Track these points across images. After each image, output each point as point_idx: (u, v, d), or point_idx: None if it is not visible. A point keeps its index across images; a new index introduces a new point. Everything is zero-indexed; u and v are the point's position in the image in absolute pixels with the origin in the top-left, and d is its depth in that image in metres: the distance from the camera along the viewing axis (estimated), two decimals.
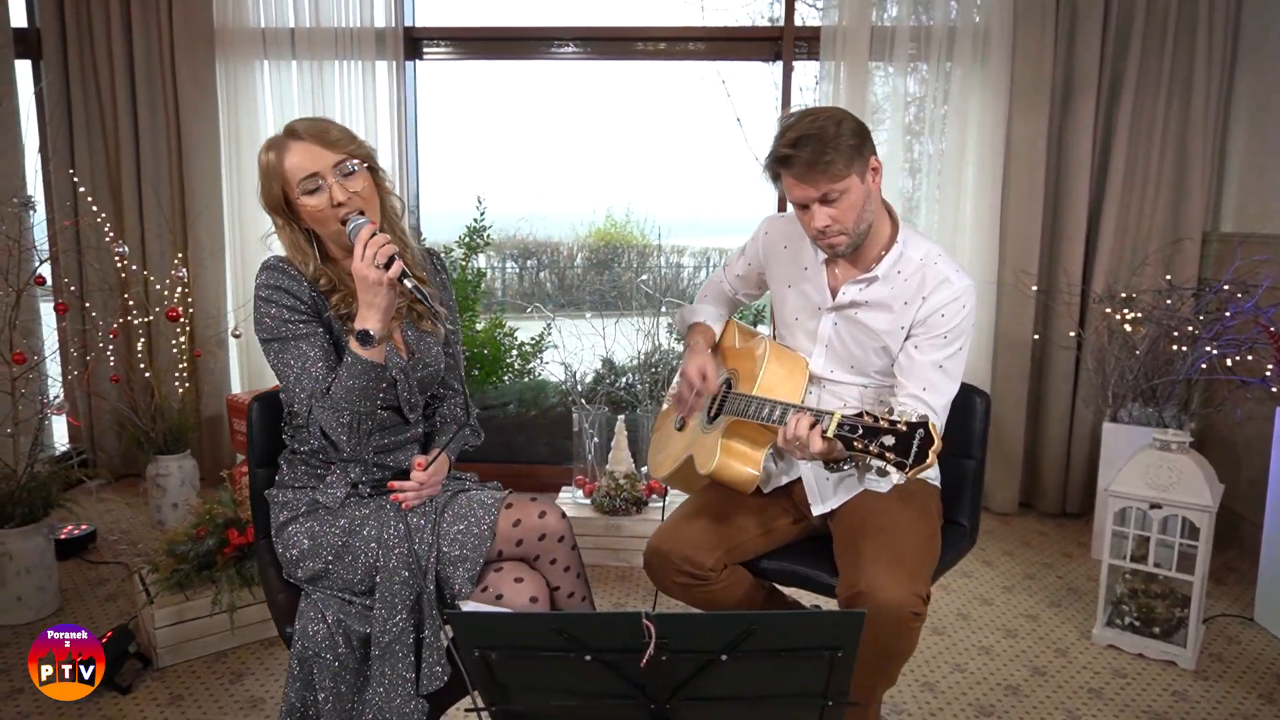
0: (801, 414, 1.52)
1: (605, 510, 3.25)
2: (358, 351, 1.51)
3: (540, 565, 1.69)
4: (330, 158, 1.56)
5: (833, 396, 1.84)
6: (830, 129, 1.61)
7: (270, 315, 1.57)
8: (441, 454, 1.73)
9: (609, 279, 14.72)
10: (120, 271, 3.56)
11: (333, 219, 1.57)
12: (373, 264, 1.47)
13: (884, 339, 1.77)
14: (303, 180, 1.55)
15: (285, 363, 1.56)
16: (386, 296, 1.49)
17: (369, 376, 1.52)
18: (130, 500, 3.82)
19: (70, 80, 3.75)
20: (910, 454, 1.35)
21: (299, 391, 1.55)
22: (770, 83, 4.64)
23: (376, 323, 1.50)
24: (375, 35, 3.68)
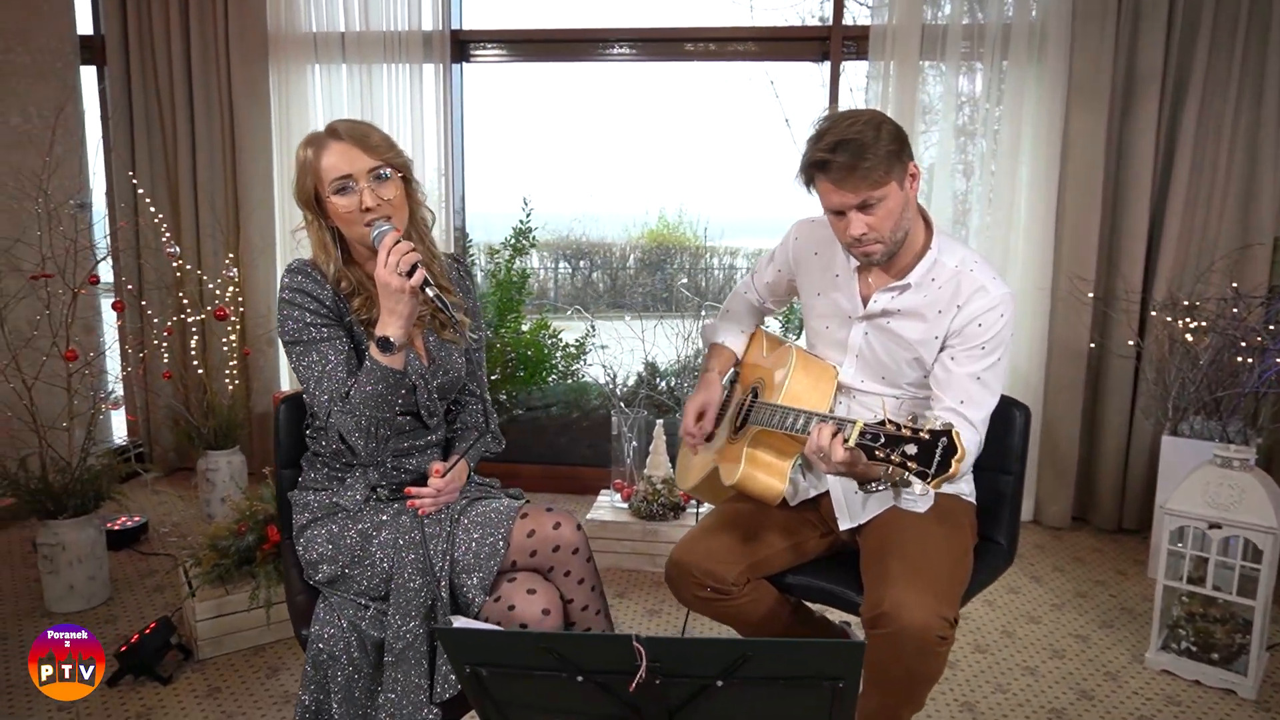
0: (824, 423, 1.47)
1: (642, 515, 3.23)
2: (377, 358, 1.51)
3: (554, 577, 1.67)
4: (367, 162, 1.55)
5: (863, 408, 1.78)
6: (869, 133, 1.55)
7: (293, 318, 1.58)
8: (460, 461, 1.72)
9: (660, 280, 14.70)
10: (175, 271, 3.66)
11: (359, 222, 1.57)
12: (395, 271, 1.47)
13: (917, 349, 1.71)
14: (335, 180, 1.55)
15: (306, 366, 1.57)
16: (408, 304, 1.49)
17: (388, 383, 1.52)
18: (183, 493, 3.92)
19: (132, 85, 3.87)
20: (933, 463, 1.28)
21: (319, 395, 1.56)
22: (819, 83, 4.57)
23: (397, 330, 1.50)
24: (422, 39, 3.72)
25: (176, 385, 3.83)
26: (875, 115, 1.60)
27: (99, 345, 3.54)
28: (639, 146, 8.12)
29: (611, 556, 3.24)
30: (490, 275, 4.68)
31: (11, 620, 2.77)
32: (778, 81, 4.65)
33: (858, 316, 1.77)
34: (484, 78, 4.09)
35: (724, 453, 1.82)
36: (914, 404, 1.77)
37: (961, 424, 1.61)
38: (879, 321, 1.75)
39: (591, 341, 4.42)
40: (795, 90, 4.70)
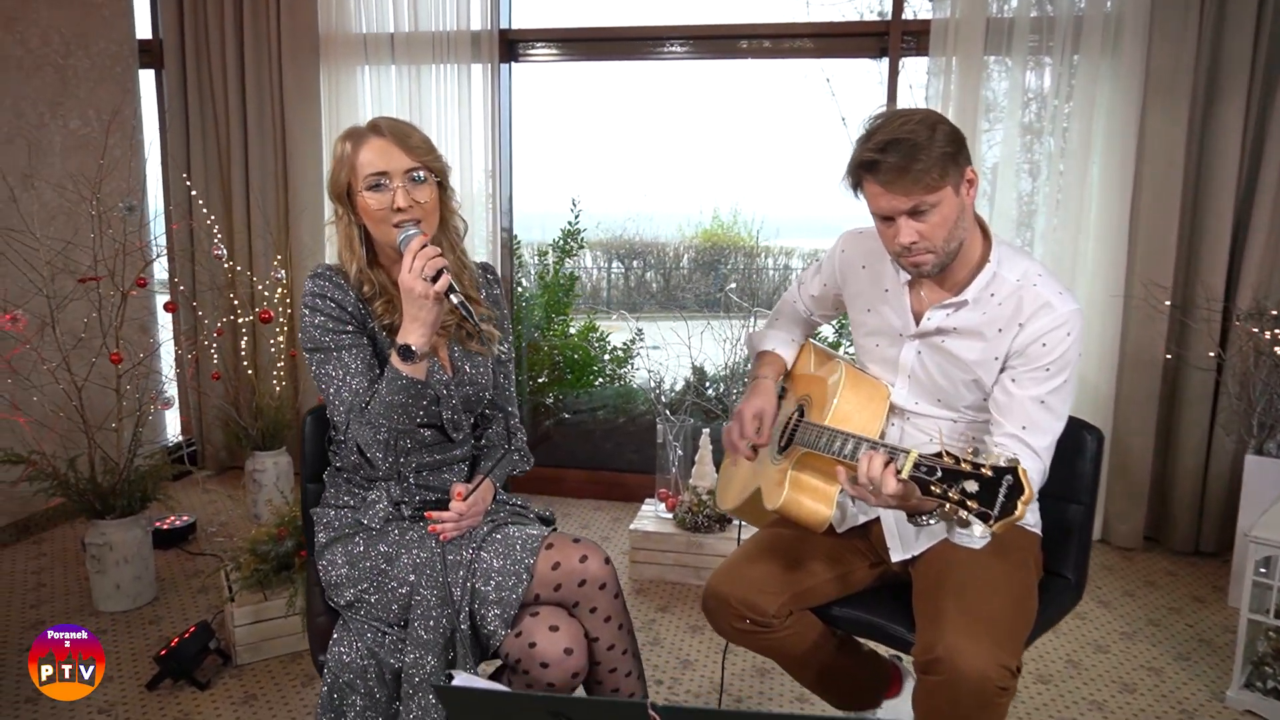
0: (875, 451, 1.35)
1: (687, 526, 3.14)
2: (399, 366, 1.46)
3: (579, 613, 1.58)
4: (404, 162, 1.51)
5: (917, 431, 1.66)
6: (923, 133, 1.43)
7: (314, 324, 1.53)
8: (484, 482, 1.65)
9: (715, 280, 14.57)
10: (226, 272, 3.69)
11: (388, 221, 1.51)
12: (420, 276, 1.41)
13: (975, 370, 1.58)
14: (370, 175, 1.50)
15: (326, 374, 1.52)
16: (432, 311, 1.43)
17: (409, 393, 1.47)
18: (232, 492, 3.96)
19: (188, 88, 3.92)
20: (996, 503, 1.16)
21: (338, 405, 1.52)
22: (876, 81, 4.42)
23: (420, 337, 1.44)
24: (470, 38, 3.68)
25: (226, 386, 3.87)
26: (930, 115, 1.48)
27: (154, 345, 3.58)
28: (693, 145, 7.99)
29: (654, 568, 3.16)
30: (538, 277, 4.64)
31: (60, 618, 2.80)
32: (834, 79, 4.50)
33: (909, 334, 1.65)
34: (536, 77, 4.04)
35: (767, 474, 1.71)
36: (973, 428, 1.64)
37: (1023, 452, 1.49)
38: (933, 340, 1.62)
39: (639, 345, 4.35)
40: (852, 88, 4.55)
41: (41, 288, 2.78)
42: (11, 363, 2.73)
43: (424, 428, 1.59)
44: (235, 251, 3.90)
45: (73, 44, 3.53)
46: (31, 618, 2.79)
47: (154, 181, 4.02)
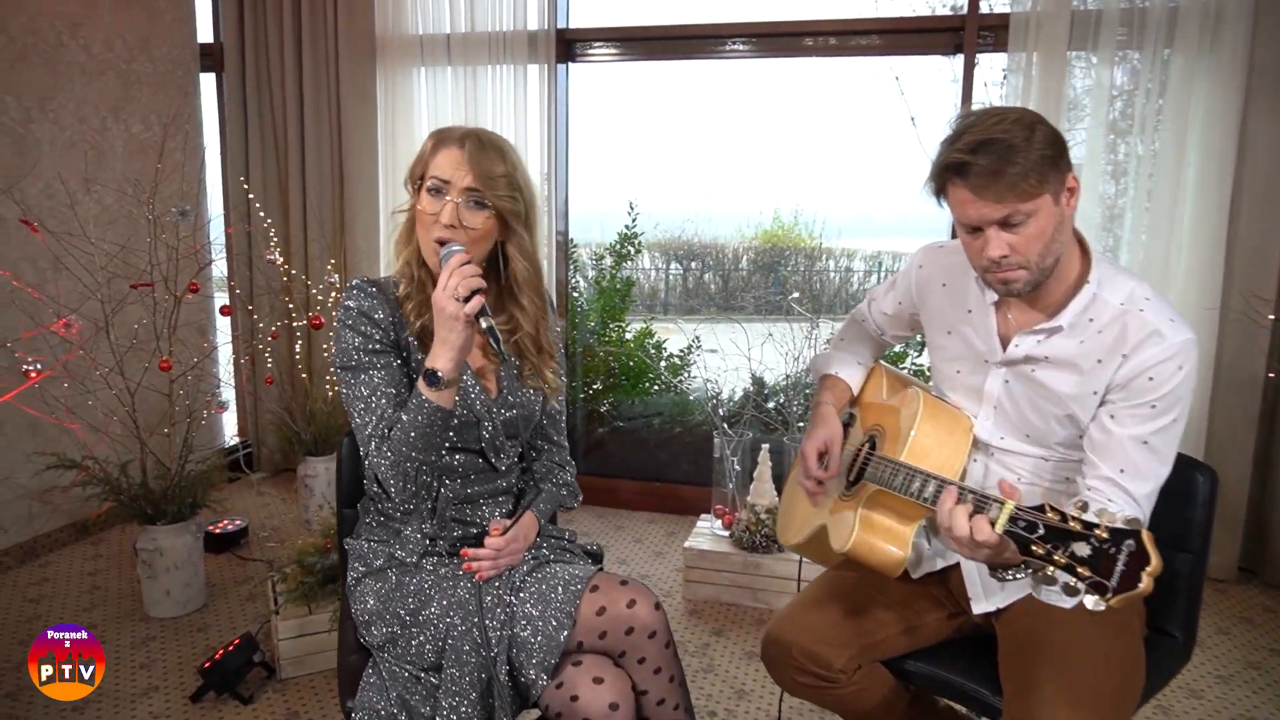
0: (963, 498, 1.20)
1: (744, 546, 3.00)
2: (423, 392, 1.36)
3: (627, 663, 1.45)
4: (469, 181, 1.42)
5: (1003, 469, 1.50)
6: (1020, 134, 1.27)
7: (345, 341, 1.44)
8: (526, 516, 1.55)
9: (775, 282, 14.34)
10: (282, 275, 3.67)
11: (432, 228, 1.43)
12: (452, 294, 1.32)
13: (1069, 405, 1.41)
14: (433, 178, 1.44)
15: (354, 395, 1.43)
16: (461, 334, 1.34)
17: (432, 422, 1.37)
18: (286, 496, 3.95)
19: (247, 91, 3.93)
20: (1114, 573, 1.00)
21: (362, 427, 1.43)
22: (949, 79, 4.21)
23: (447, 361, 1.34)
24: (527, 38, 3.60)
25: (280, 389, 3.86)
26: (1027, 114, 1.32)
27: (209, 348, 3.59)
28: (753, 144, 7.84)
29: (710, 588, 3.03)
30: (594, 282, 4.55)
31: (112, 623, 2.80)
32: (903, 77, 4.30)
33: (996, 361, 1.48)
34: (595, 76, 3.94)
35: (834, 510, 1.57)
36: (1066, 468, 1.47)
37: (1120, 499, 1.32)
38: (1022, 369, 1.46)
39: (696, 354, 4.23)
40: (921, 86, 4.34)
41: (96, 292, 2.78)
42: (66, 367, 2.73)
43: (463, 452, 1.49)
44: (291, 255, 3.89)
45: (135, 48, 3.55)
46: (84, 621, 2.79)
47: (214, 185, 4.03)
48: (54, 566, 3.19)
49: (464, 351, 1.36)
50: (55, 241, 2.86)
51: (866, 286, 14.32)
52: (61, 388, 2.83)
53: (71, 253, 2.88)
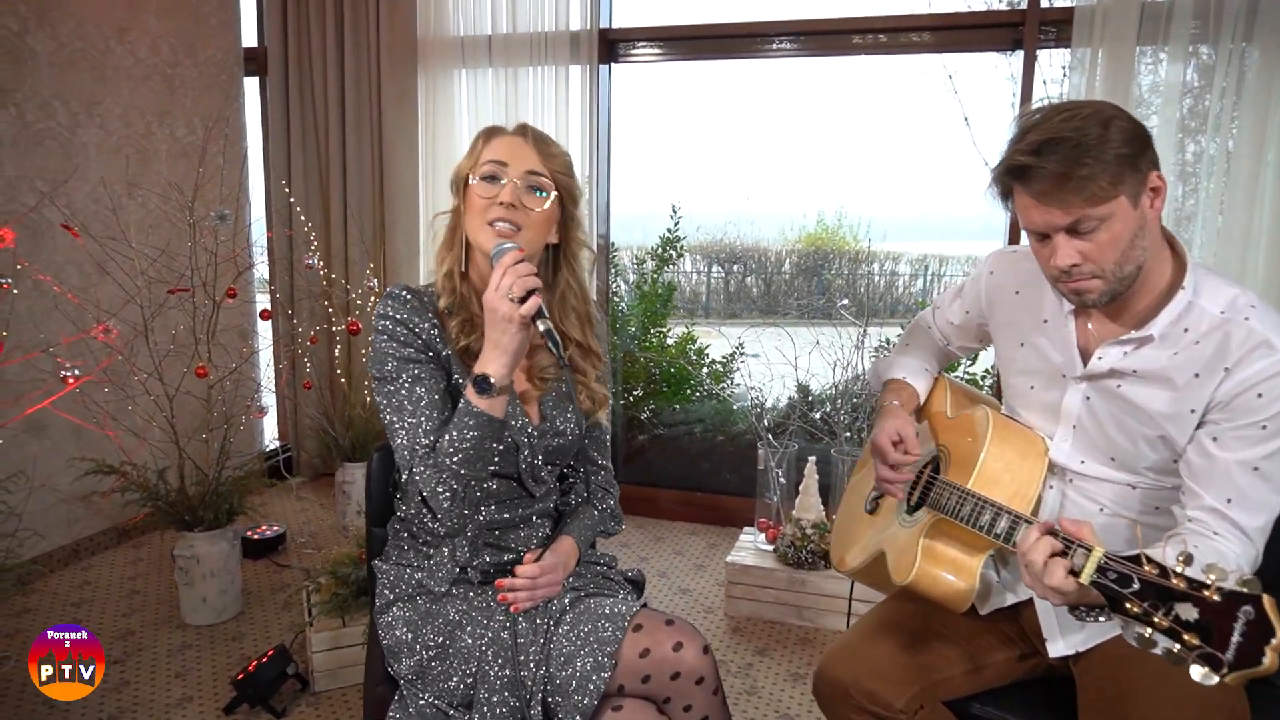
0: (1041, 539, 1.09)
1: (789, 562, 2.89)
2: (473, 400, 1.26)
3: (671, 710, 1.34)
4: (531, 161, 1.36)
5: (1083, 497, 1.37)
6: (1093, 131, 1.15)
7: (383, 350, 1.35)
8: (564, 542, 1.45)
9: (818, 285, 14.20)
10: (322, 280, 3.65)
11: (487, 216, 1.33)
12: (506, 295, 1.22)
13: (1162, 425, 1.28)
14: (488, 162, 1.36)
15: (393, 408, 1.33)
16: (515, 337, 1.24)
17: (483, 431, 1.26)
18: (324, 501, 3.93)
19: (290, 96, 3.92)
20: (1229, 646, 0.86)
21: (403, 443, 1.32)
22: (1005, 76, 4.07)
23: (500, 367, 1.25)
24: (569, 39, 3.53)
25: (319, 395, 3.84)
26: (1103, 107, 1.19)
27: (250, 352, 3.58)
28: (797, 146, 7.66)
29: (753, 605, 2.93)
30: (635, 287, 4.48)
31: (149, 630, 2.78)
32: (957, 75, 4.15)
33: (1075, 376, 1.35)
34: (637, 77, 3.86)
35: (893, 537, 1.46)
36: (1156, 495, 1.34)
37: (1228, 532, 1.18)
38: (1105, 384, 1.33)
39: (739, 361, 4.12)
40: (976, 84, 4.20)
41: (135, 296, 2.76)
42: (107, 372, 2.72)
43: (497, 477, 1.40)
44: (331, 259, 3.87)
45: (180, 53, 3.55)
46: (122, 627, 2.78)
47: (256, 189, 4.04)
48: (96, 570, 3.20)
49: (518, 356, 1.27)
50: (97, 246, 2.86)
51: (913, 290, 14.04)
52: (102, 393, 2.83)
53: (114, 257, 2.87)
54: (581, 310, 1.47)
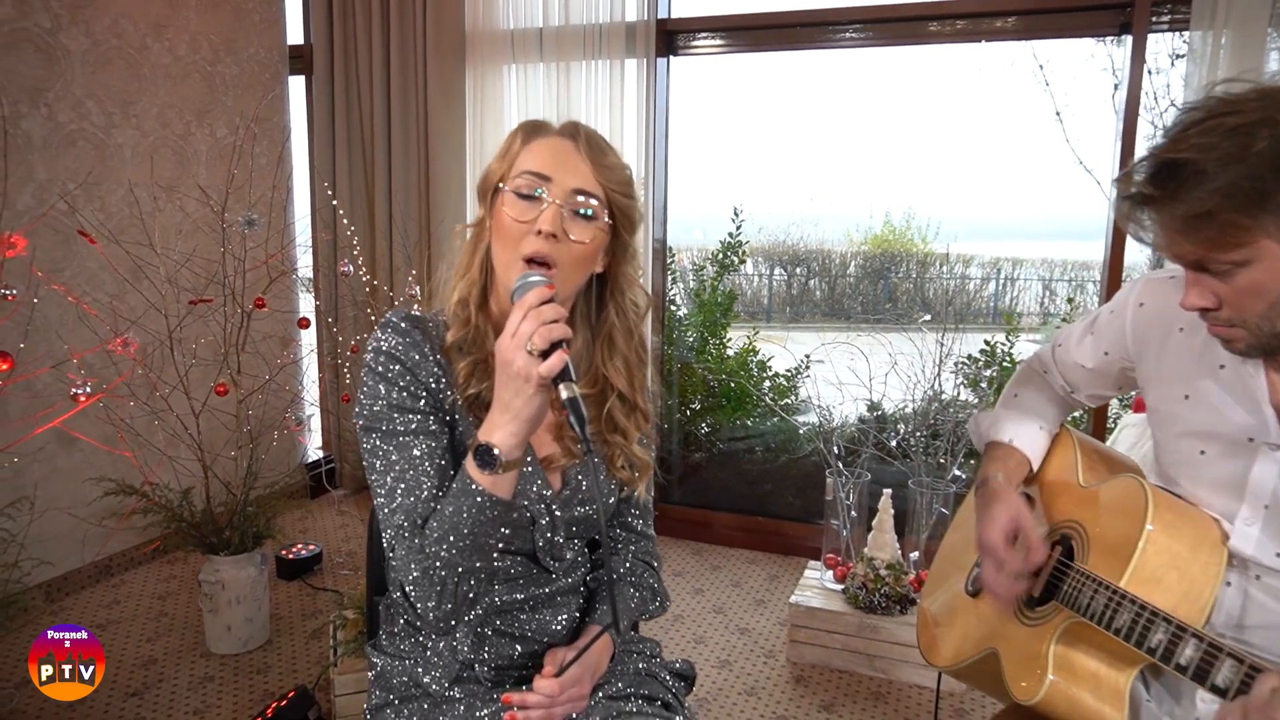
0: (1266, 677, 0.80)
1: (860, 605, 2.61)
2: (473, 475, 1.00)
3: None
4: (581, 178, 1.07)
5: (1275, 599, 1.06)
6: (1224, 148, 0.88)
7: (374, 394, 1.08)
8: (595, 644, 1.16)
9: (884, 289, 13.76)
10: (364, 286, 3.48)
11: (517, 242, 1.05)
12: (524, 345, 0.94)
13: None
14: (528, 174, 1.06)
15: (381, 469, 1.07)
16: (531, 401, 0.96)
17: (483, 517, 1.00)
18: (365, 517, 3.76)
19: (335, 94, 3.76)
20: None
21: (389, 515, 1.06)
22: (1101, 66, 3.70)
23: (509, 435, 0.97)
24: (625, 30, 3.29)
25: None
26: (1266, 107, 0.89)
27: (285, 361, 3.42)
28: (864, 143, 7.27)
29: (818, 651, 2.65)
30: (694, 294, 4.22)
31: (173, 658, 2.62)
32: (1048, 64, 3.80)
33: (1270, 441, 1.05)
34: (695, 71, 3.60)
35: (1011, 634, 1.18)
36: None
37: None
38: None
39: (804, 376, 3.84)
40: (1066, 74, 3.84)
41: (161, 306, 2.61)
42: (129, 387, 2.58)
43: (508, 554, 1.14)
44: (375, 264, 3.70)
45: (221, 50, 3.42)
46: (145, 654, 2.63)
47: (301, 191, 3.89)
48: (127, 587, 3.07)
49: (533, 425, 0.99)
50: (125, 253, 2.72)
51: (985, 295, 13.43)
52: (127, 407, 2.68)
53: (149, 264, 2.73)
54: (630, 355, 1.18)
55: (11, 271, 2.59)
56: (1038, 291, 13.24)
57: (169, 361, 2.65)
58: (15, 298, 2.00)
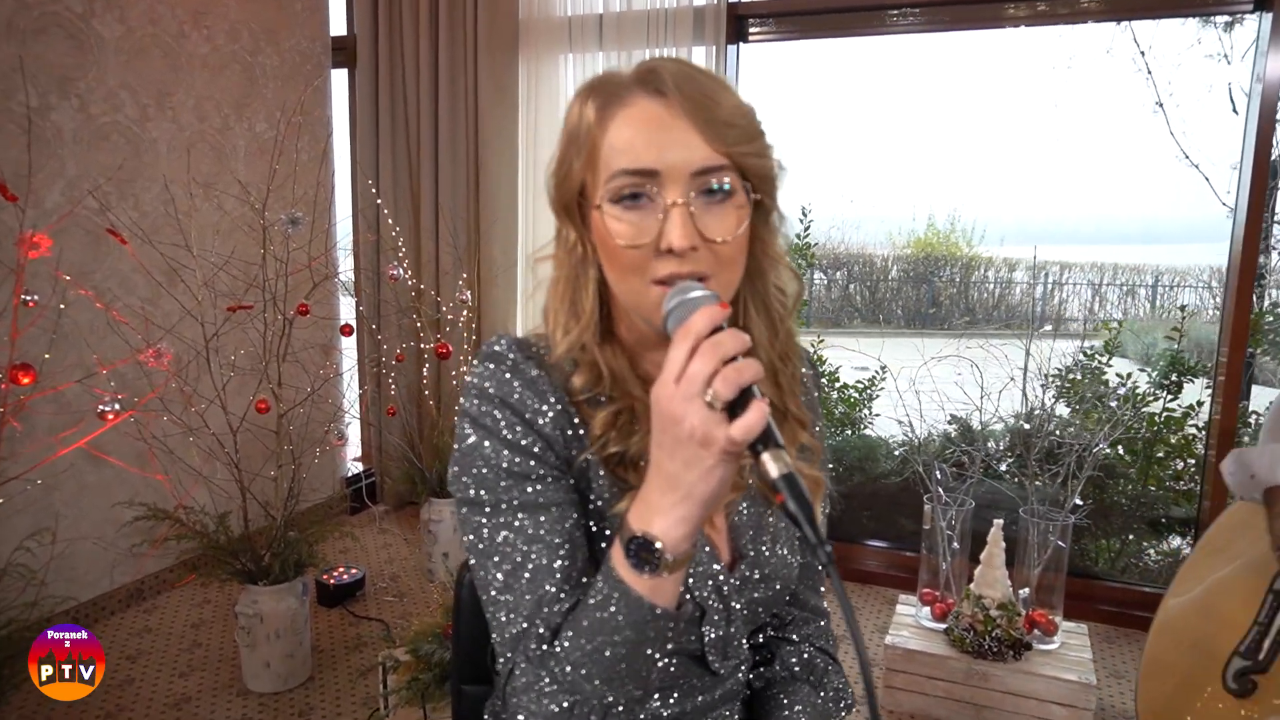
0: None
1: (967, 649, 2.32)
2: (625, 579, 0.72)
3: None
4: (697, 152, 0.75)
5: None
6: None
7: (476, 455, 0.80)
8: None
9: (926, 294, 13.43)
10: (410, 291, 3.26)
11: (641, 268, 0.76)
12: (699, 394, 0.65)
13: None
14: (622, 175, 0.75)
15: (489, 553, 0.79)
16: (711, 474, 0.67)
17: (640, 634, 0.73)
18: (409, 535, 3.54)
19: (379, 88, 3.56)
20: None
21: (503, 619, 0.79)
22: (1207, 52, 3.39)
23: (677, 524, 0.69)
24: (694, 15, 3.04)
25: (403, 419, 3.45)
26: None
27: (329, 372, 3.21)
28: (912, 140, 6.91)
29: (920, 700, 2.37)
30: None
31: (207, 697, 2.40)
32: (1154, 48, 3.49)
33: None
34: (752, 61, 3.33)
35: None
36: None
37: None
38: None
39: (881, 386, 3.56)
40: (1169, 60, 3.53)
41: (197, 313, 2.40)
42: (162, 400, 2.36)
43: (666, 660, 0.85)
44: (421, 268, 3.48)
45: (262, 40, 3.22)
46: (178, 692, 2.41)
47: (343, 190, 3.68)
48: (160, 613, 2.86)
49: (710, 507, 0.69)
50: (159, 255, 2.51)
51: (1036, 298, 13.04)
52: (160, 423, 2.47)
53: (185, 266, 2.52)
54: (773, 354, 0.87)
55: (38, 275, 2.40)
56: (1086, 296, 12.80)
57: (204, 372, 2.44)
58: (36, 304, 1.78)
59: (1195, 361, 3.16)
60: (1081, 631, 2.44)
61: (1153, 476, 3.09)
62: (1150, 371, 3.25)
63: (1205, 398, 2.93)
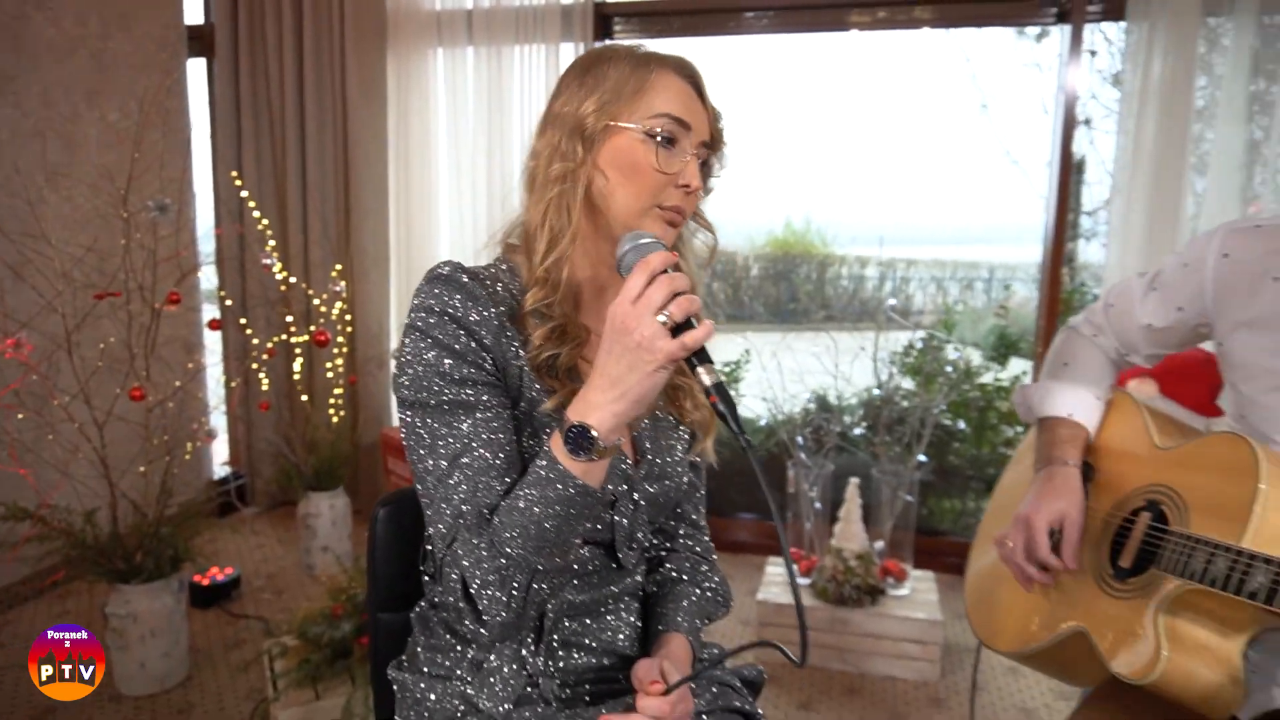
0: None
1: (830, 598, 2.54)
2: (562, 461, 0.84)
3: None
4: (703, 127, 0.99)
5: None
6: None
7: (423, 362, 0.91)
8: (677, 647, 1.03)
9: (785, 290, 14.00)
10: (280, 284, 3.21)
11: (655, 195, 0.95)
12: (652, 313, 0.80)
13: None
14: (667, 120, 0.95)
15: (430, 448, 0.91)
16: (652, 377, 0.82)
17: (570, 510, 0.85)
18: (283, 536, 3.47)
19: (240, 77, 3.47)
20: None
21: (442, 505, 0.90)
22: (1026, 60, 3.79)
23: (611, 417, 0.83)
24: (561, 13, 3.15)
25: (277, 415, 3.39)
26: None
27: (195, 369, 3.11)
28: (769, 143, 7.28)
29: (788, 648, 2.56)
30: None
31: (74, 703, 2.30)
32: (973, 59, 3.86)
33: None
34: None
35: (1099, 612, 1.10)
36: None
37: None
38: None
39: (747, 368, 3.77)
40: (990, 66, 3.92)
41: (56, 304, 2.30)
42: (19, 395, 2.26)
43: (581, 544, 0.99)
44: (290, 260, 3.42)
45: (112, 25, 3.09)
46: (40, 704, 2.30)
47: (202, 182, 3.57)
48: (12, 628, 2.70)
49: (642, 407, 0.84)
50: (10, 245, 2.39)
51: (884, 295, 13.87)
52: (14, 419, 2.36)
53: (34, 259, 2.41)
54: None
55: None
56: (932, 291, 13.75)
57: (64, 367, 2.34)
58: None
59: (1019, 338, 3.54)
60: (929, 578, 2.71)
61: (986, 441, 3.44)
62: (982, 349, 3.62)
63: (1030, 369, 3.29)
